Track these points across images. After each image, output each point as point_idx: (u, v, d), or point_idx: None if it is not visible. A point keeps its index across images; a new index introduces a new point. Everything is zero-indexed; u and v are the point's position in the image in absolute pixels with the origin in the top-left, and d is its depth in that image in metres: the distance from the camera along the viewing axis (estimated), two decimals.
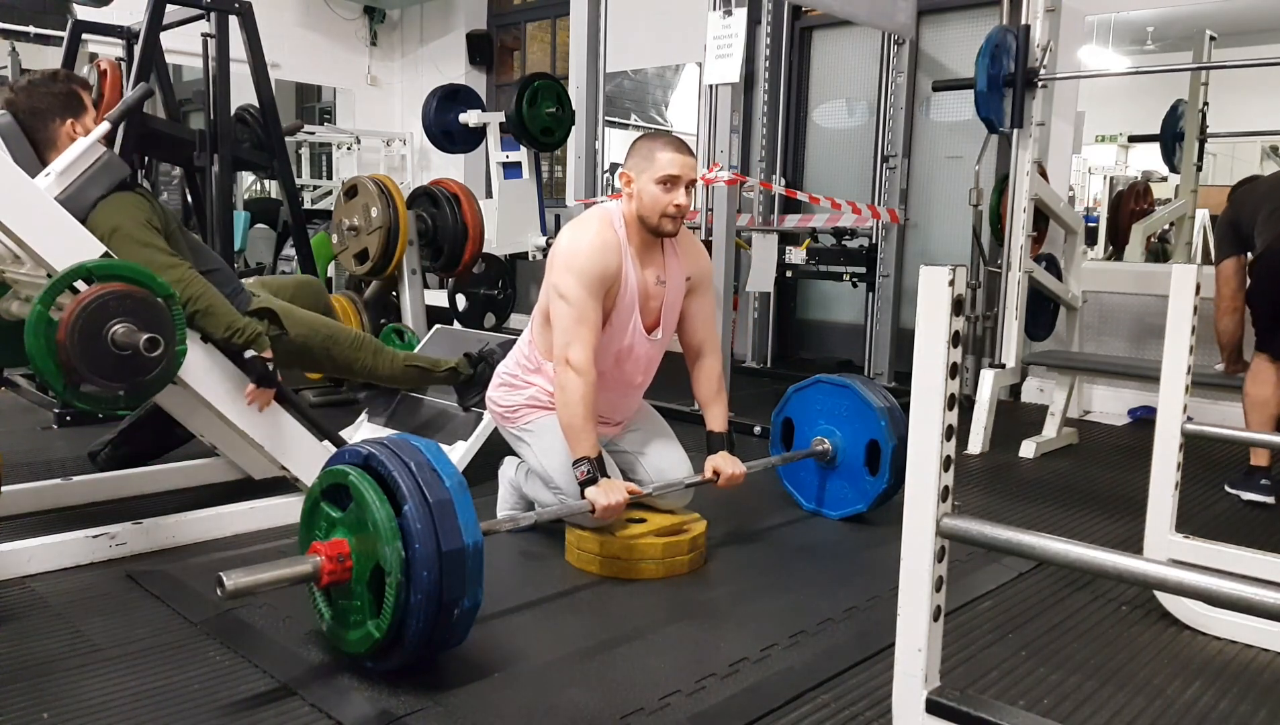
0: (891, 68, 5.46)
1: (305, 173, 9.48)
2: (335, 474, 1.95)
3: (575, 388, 2.46)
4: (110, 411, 2.53)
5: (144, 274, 2.33)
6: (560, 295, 2.52)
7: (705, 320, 2.83)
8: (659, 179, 2.54)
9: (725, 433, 2.77)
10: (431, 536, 1.80)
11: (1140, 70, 5.11)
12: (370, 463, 1.91)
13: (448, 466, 1.91)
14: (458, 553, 1.82)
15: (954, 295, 1.38)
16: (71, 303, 2.19)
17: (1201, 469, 3.76)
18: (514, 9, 8.35)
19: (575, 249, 2.54)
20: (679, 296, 2.75)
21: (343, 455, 2.01)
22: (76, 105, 2.66)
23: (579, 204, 5.13)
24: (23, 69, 6.05)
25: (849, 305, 6.15)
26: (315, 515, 2.00)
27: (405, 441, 1.96)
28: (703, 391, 2.83)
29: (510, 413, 2.74)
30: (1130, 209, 5.16)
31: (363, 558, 1.87)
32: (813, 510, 3.10)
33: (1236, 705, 1.97)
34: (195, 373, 2.59)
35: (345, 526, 1.92)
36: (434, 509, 1.82)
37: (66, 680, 1.92)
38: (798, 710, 1.88)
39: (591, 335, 2.50)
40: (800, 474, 3.13)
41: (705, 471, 2.70)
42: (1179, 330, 2.23)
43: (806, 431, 3.08)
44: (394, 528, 1.81)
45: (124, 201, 2.57)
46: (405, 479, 1.85)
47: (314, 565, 1.88)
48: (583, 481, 2.42)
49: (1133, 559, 1.33)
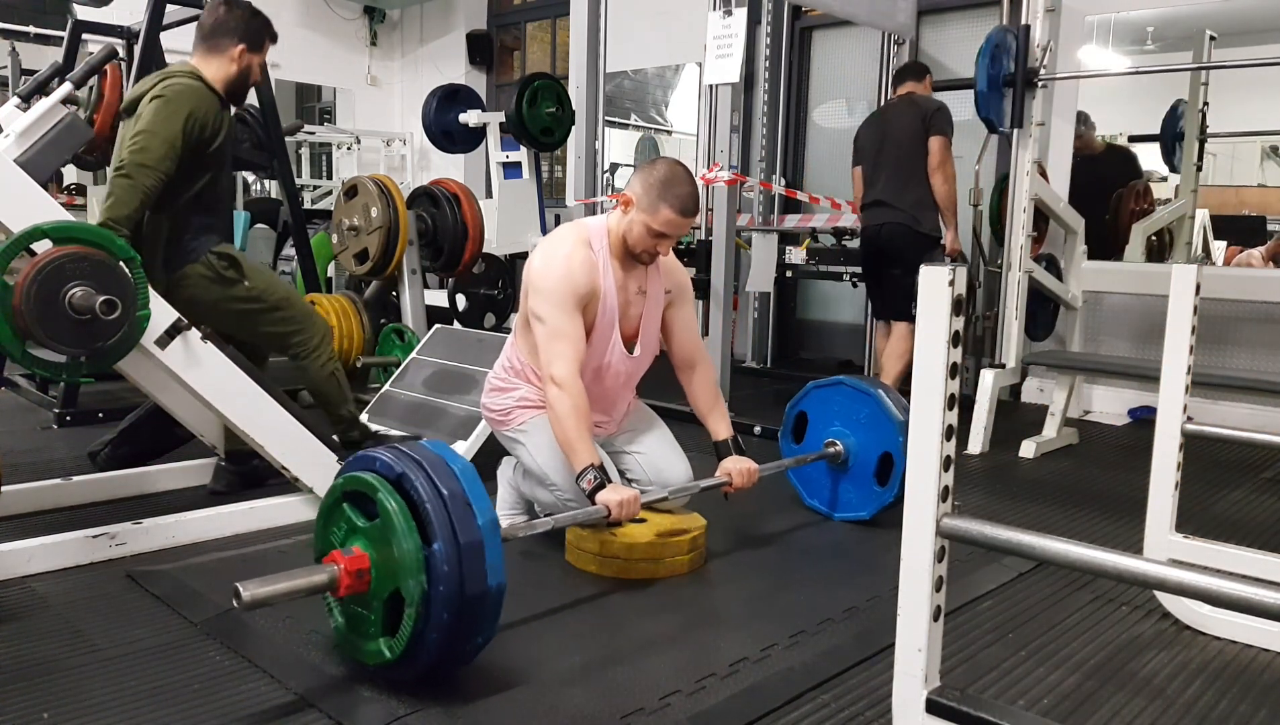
0: (891, 68, 5.46)
1: (305, 173, 9.48)
2: (364, 484, 1.86)
3: (563, 403, 2.45)
4: (73, 378, 2.50)
5: (103, 236, 2.29)
6: (536, 316, 2.53)
7: (691, 331, 2.85)
8: (654, 230, 2.55)
9: (732, 437, 2.77)
10: (457, 579, 1.75)
11: (1140, 70, 5.11)
12: (403, 484, 1.82)
13: (482, 499, 1.83)
14: (480, 596, 1.79)
15: (954, 295, 1.38)
16: (27, 266, 2.15)
17: (1201, 469, 3.76)
18: (514, 9, 8.35)
19: (545, 268, 2.55)
20: (658, 308, 2.76)
21: (373, 461, 1.89)
22: (256, 38, 2.91)
23: (579, 204, 5.13)
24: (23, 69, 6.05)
25: (849, 305, 6.15)
26: (336, 514, 1.93)
27: (441, 460, 1.86)
28: (701, 402, 2.83)
29: (503, 416, 2.75)
30: (1130, 209, 5.16)
31: (383, 577, 1.82)
32: (814, 508, 3.10)
33: (1236, 705, 1.97)
34: (193, 371, 2.60)
35: (368, 539, 1.85)
36: (463, 551, 1.76)
37: (66, 680, 1.92)
38: (798, 710, 1.88)
39: (571, 348, 2.50)
40: (808, 469, 3.11)
41: (719, 474, 2.68)
42: (1179, 330, 2.23)
43: (820, 429, 3.05)
44: (420, 561, 1.75)
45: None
46: (438, 513, 1.77)
47: (331, 576, 1.82)
48: (591, 489, 2.38)
49: (1133, 559, 1.33)
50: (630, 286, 2.67)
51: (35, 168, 2.45)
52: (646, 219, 2.55)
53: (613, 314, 2.63)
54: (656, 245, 2.60)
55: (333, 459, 2.91)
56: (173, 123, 2.67)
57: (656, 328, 2.78)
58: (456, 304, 5.58)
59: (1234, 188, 5.20)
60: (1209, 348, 4.54)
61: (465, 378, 3.45)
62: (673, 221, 2.55)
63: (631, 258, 2.64)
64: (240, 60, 2.89)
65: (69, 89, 2.62)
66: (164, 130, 2.65)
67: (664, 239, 2.59)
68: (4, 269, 2.16)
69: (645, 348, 2.76)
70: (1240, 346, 4.57)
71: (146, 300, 2.36)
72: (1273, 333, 4.51)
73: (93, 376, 2.44)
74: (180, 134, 2.68)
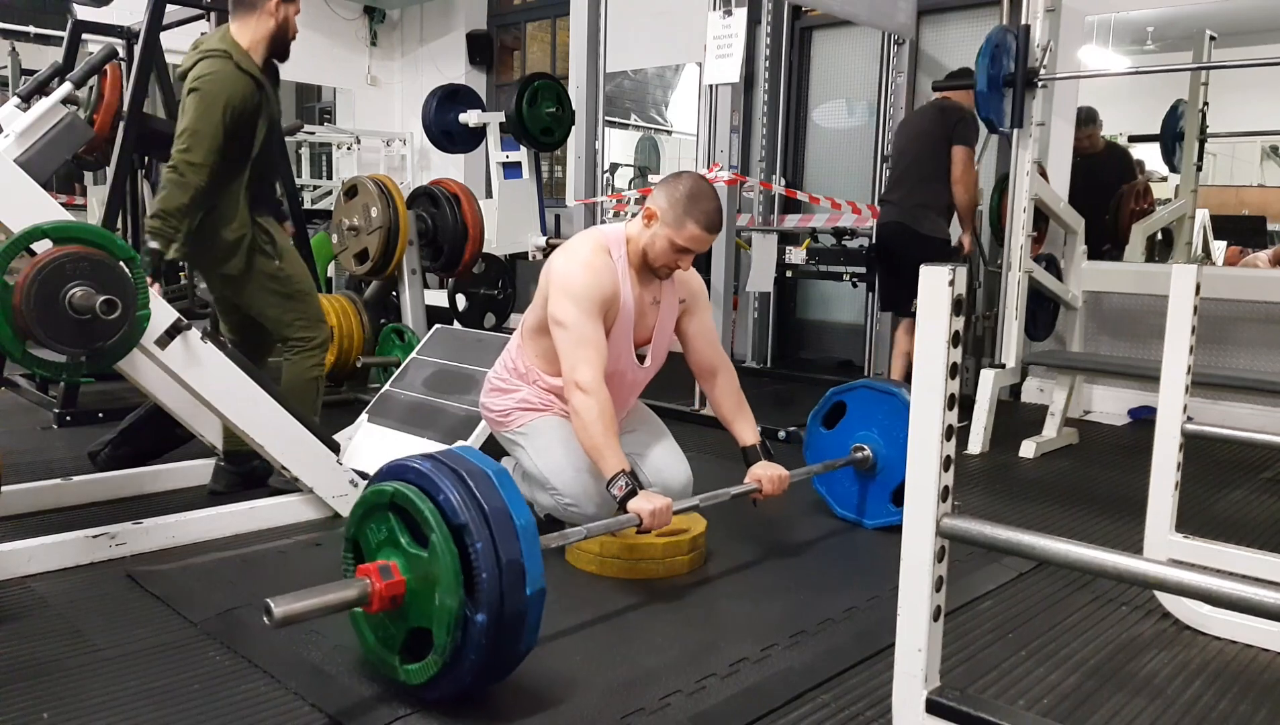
0: (891, 68, 5.47)
1: (305, 173, 9.48)
2: (419, 513, 1.73)
3: (589, 409, 2.42)
4: (73, 378, 2.51)
5: (103, 236, 2.29)
6: (557, 322, 2.50)
7: (710, 339, 2.81)
8: (677, 245, 2.53)
9: (761, 442, 2.73)
10: (492, 648, 1.71)
11: (1140, 70, 5.11)
12: (463, 537, 1.69)
13: (536, 564, 1.74)
14: (511, 660, 1.79)
15: (954, 295, 1.38)
16: (27, 266, 2.15)
17: (1201, 469, 3.76)
18: (514, 9, 8.35)
19: (568, 273, 2.53)
20: (672, 319, 2.75)
21: (438, 491, 1.74)
22: None
23: (579, 204, 5.13)
24: (23, 69, 6.06)
25: (849, 305, 6.15)
26: (380, 517, 1.83)
27: (508, 517, 1.73)
28: (725, 408, 2.79)
29: (502, 417, 2.74)
30: (1130, 209, 5.16)
31: (416, 609, 1.76)
32: (846, 517, 3.03)
33: (1236, 705, 1.97)
34: (193, 371, 2.60)
35: (409, 563, 1.76)
36: (504, 620, 1.70)
37: (66, 680, 1.92)
38: (798, 710, 1.88)
39: (596, 354, 2.47)
40: (836, 477, 3.04)
41: (748, 482, 2.64)
42: (1179, 330, 2.23)
43: (855, 426, 2.96)
44: (458, 619, 1.68)
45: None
46: (490, 584, 1.67)
47: (363, 591, 1.74)
48: (623, 496, 2.34)
49: (1133, 559, 1.33)
50: (646, 297, 2.65)
51: (35, 168, 2.45)
52: (671, 233, 2.52)
53: (628, 323, 2.61)
54: (678, 260, 2.57)
55: (333, 459, 2.91)
56: (211, 117, 2.78)
57: (668, 339, 2.76)
58: (456, 304, 5.58)
59: (1234, 188, 5.20)
60: (1209, 348, 4.54)
61: (465, 378, 3.45)
62: (698, 237, 2.53)
63: (650, 271, 2.62)
64: (278, 12, 2.94)
65: (69, 89, 2.63)
66: (205, 127, 2.77)
67: (686, 254, 2.56)
68: (4, 269, 2.16)
69: (655, 358, 2.75)
70: (1240, 346, 4.57)
71: (146, 300, 2.36)
72: (1273, 333, 4.51)
73: (93, 376, 2.44)
74: (220, 126, 2.79)
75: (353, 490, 2.93)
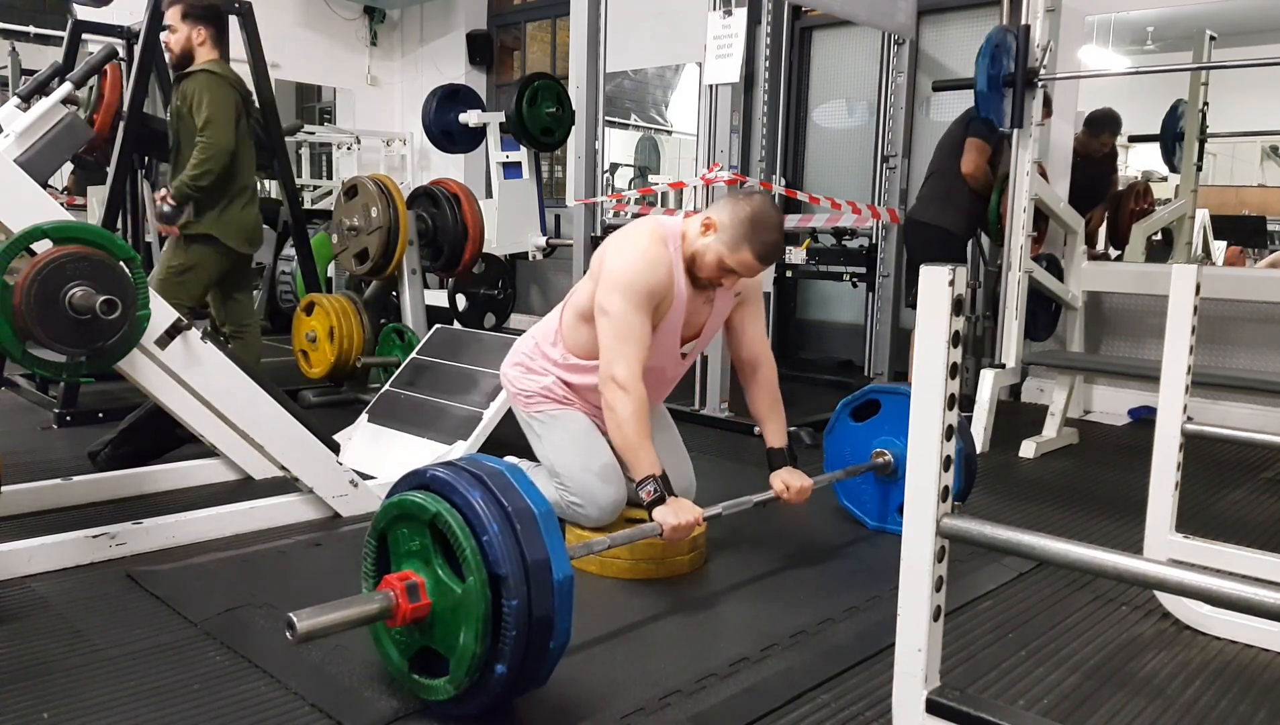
0: (891, 68, 5.46)
1: (305, 173, 9.48)
2: (459, 544, 1.67)
3: (625, 406, 2.36)
4: (73, 378, 2.51)
5: (103, 236, 2.28)
6: (603, 311, 2.42)
7: (758, 332, 2.75)
8: (726, 266, 2.45)
9: (786, 447, 2.69)
10: (505, 697, 1.71)
11: (1140, 70, 5.11)
12: (500, 587, 1.64)
13: (566, 619, 1.71)
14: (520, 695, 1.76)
15: (954, 295, 1.38)
16: (27, 266, 2.15)
17: (1201, 469, 3.76)
18: (514, 9, 8.35)
19: (621, 264, 2.44)
20: (722, 317, 2.69)
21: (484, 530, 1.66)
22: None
23: (579, 204, 5.12)
24: (23, 69, 6.05)
25: (849, 305, 6.15)
26: (410, 526, 1.77)
27: (548, 572, 1.67)
28: (761, 406, 2.74)
29: (524, 396, 2.68)
30: (1130, 209, 5.16)
31: (437, 633, 1.73)
32: (874, 526, 2.99)
33: (1236, 705, 1.97)
34: (193, 371, 2.60)
35: (436, 588, 1.72)
36: (525, 672, 1.69)
37: (66, 680, 1.92)
38: (798, 710, 1.88)
39: (638, 351, 2.41)
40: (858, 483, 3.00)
41: (773, 487, 2.62)
42: (1179, 330, 2.23)
43: (877, 430, 2.91)
44: (480, 663, 1.66)
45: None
46: (517, 643, 1.64)
47: (386, 607, 1.70)
48: (650, 501, 2.32)
49: (1133, 559, 1.33)
50: (700, 295, 2.58)
51: (35, 168, 2.45)
52: (724, 252, 2.44)
53: (679, 318, 2.55)
54: (722, 279, 2.50)
55: (333, 459, 2.91)
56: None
57: (714, 335, 2.71)
58: (456, 304, 5.59)
59: (1234, 188, 5.20)
60: (1209, 348, 4.55)
61: (465, 378, 3.45)
62: (750, 266, 2.45)
63: (691, 278, 2.53)
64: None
65: (69, 89, 2.63)
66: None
67: (732, 276, 2.49)
68: (4, 269, 2.16)
69: (695, 353, 2.71)
70: (1240, 346, 4.57)
71: (147, 300, 2.36)
72: (1273, 333, 4.51)
73: (93, 376, 2.44)
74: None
75: (353, 490, 2.94)
